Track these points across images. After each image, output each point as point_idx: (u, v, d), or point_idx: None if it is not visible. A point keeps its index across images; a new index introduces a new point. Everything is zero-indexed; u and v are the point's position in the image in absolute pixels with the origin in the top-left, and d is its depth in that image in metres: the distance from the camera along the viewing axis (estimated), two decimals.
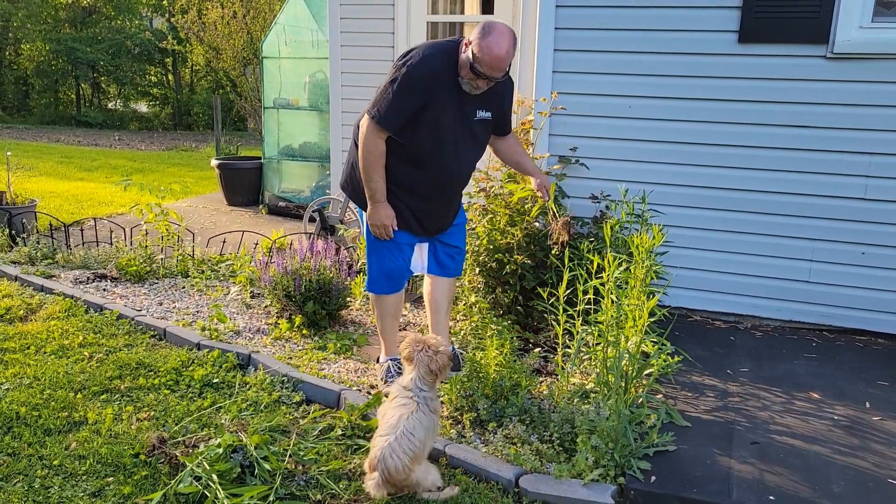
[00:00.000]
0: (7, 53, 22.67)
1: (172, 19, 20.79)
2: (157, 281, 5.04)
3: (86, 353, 3.77)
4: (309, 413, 3.25)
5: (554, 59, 4.39)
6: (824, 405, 3.26)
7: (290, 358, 3.81)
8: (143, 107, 24.76)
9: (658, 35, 4.16)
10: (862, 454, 2.85)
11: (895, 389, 3.44)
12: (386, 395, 3.31)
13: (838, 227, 4.03)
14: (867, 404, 3.28)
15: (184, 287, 4.92)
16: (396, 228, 3.30)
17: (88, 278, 4.98)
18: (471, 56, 2.97)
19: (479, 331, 3.87)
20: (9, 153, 6.52)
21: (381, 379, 3.49)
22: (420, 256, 3.52)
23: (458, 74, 3.07)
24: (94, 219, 6.33)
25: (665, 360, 3.34)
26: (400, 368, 3.50)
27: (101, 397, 3.34)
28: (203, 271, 5.22)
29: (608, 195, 4.28)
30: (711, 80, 4.11)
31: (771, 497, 2.56)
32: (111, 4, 23.28)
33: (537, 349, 3.86)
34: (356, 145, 3.27)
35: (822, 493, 2.58)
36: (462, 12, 6.08)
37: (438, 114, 3.08)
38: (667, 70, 4.18)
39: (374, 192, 3.19)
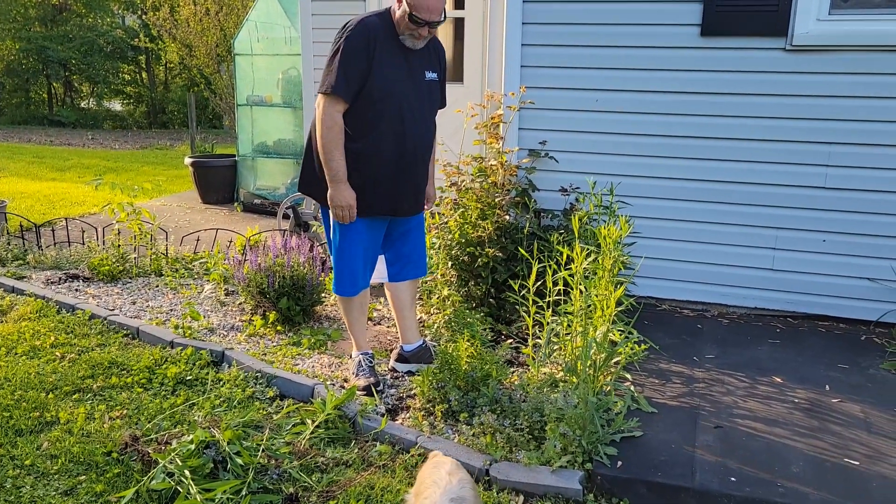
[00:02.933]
0: None
1: (145, 17, 20.61)
2: (130, 280, 5.03)
3: (58, 354, 3.77)
4: (283, 408, 3.28)
5: (522, 53, 4.43)
6: (786, 389, 3.35)
7: (265, 354, 3.83)
8: (116, 105, 24.45)
9: (623, 29, 4.23)
10: (821, 436, 2.93)
11: (854, 372, 3.54)
12: (360, 390, 3.36)
13: (800, 216, 4.12)
14: (827, 387, 3.38)
15: (157, 286, 4.92)
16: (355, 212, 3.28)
17: (60, 279, 4.96)
18: (406, 8, 3.06)
19: (452, 324, 3.91)
20: None
21: (353, 373, 3.52)
22: (380, 266, 3.56)
23: (396, 34, 3.16)
24: (66, 219, 6.29)
25: (632, 349, 3.42)
26: (371, 361, 3.55)
27: (74, 397, 3.35)
28: (177, 270, 5.22)
29: (577, 188, 4.34)
30: (675, 72, 4.18)
31: (733, 479, 2.64)
32: (82, 2, 22.97)
33: (509, 340, 3.92)
34: (312, 140, 3.30)
35: (782, 473, 2.66)
36: None
37: (385, 70, 3.14)
38: (632, 63, 4.25)
39: (336, 171, 3.16)
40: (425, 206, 3.59)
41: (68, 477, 2.75)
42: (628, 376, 3.47)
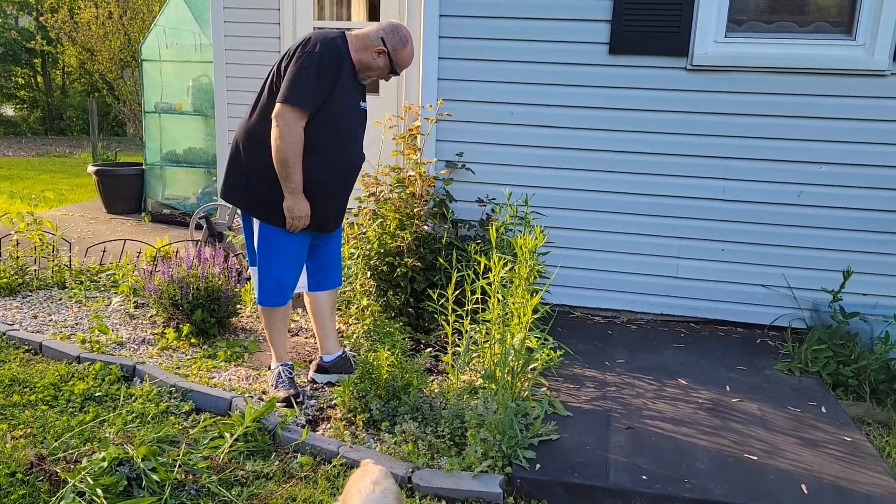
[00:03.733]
0: None
1: (41, 18, 19.65)
2: (30, 293, 4.79)
3: None
4: (199, 422, 3.20)
5: (439, 66, 4.51)
6: (691, 390, 3.54)
7: (179, 368, 3.74)
8: (9, 110, 23.14)
9: (537, 45, 4.37)
10: (723, 433, 3.11)
11: (751, 373, 3.77)
12: (280, 401, 3.33)
13: (701, 226, 4.37)
14: (728, 388, 3.58)
15: (61, 299, 4.71)
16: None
17: None
18: (389, 62, 3.29)
19: (372, 333, 3.93)
20: None
21: (272, 385, 3.48)
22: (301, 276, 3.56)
23: (351, 61, 3.24)
24: None
25: (548, 355, 3.53)
26: (290, 373, 3.52)
27: None
28: (82, 282, 5.01)
29: (493, 199, 4.45)
30: (586, 88, 4.36)
31: (644, 477, 2.77)
32: None
33: (429, 349, 3.96)
34: (246, 148, 3.24)
35: (688, 470, 2.81)
36: (349, 18, 6.12)
37: (343, 96, 3.21)
38: (546, 79, 4.40)
39: (297, 183, 3.15)
40: None
41: None
42: (545, 382, 3.58)
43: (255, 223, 3.33)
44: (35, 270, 5.01)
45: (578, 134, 4.42)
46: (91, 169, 7.79)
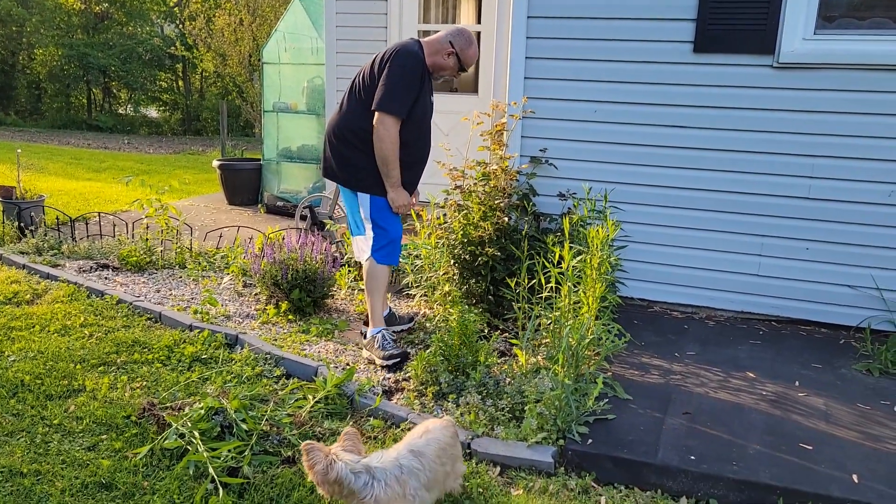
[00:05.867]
0: (20, 58, 23.16)
1: (182, 26, 21.32)
2: (155, 271, 5.38)
3: (86, 332, 4.10)
4: (288, 385, 3.57)
5: (526, 65, 4.71)
6: (757, 383, 3.56)
7: (275, 339, 4.13)
8: (153, 112, 25.21)
9: (621, 44, 4.48)
10: (781, 424, 3.14)
11: (826, 371, 3.73)
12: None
13: (785, 224, 4.33)
14: (797, 383, 3.58)
15: (180, 277, 5.26)
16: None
17: (92, 267, 5.32)
18: (458, 60, 3.81)
19: (450, 315, 4.17)
20: (18, 150, 6.88)
21: (378, 347, 3.84)
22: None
23: (428, 68, 3.75)
24: (99, 214, 6.67)
25: (612, 341, 3.66)
26: (392, 335, 3.93)
27: (99, 369, 3.67)
28: (199, 263, 5.56)
29: (574, 193, 4.59)
30: (670, 86, 4.42)
31: (692, 457, 2.86)
32: (123, 11, 23.80)
33: (505, 334, 4.17)
34: (343, 137, 3.79)
35: (738, 454, 2.88)
36: (454, 21, 6.42)
37: (425, 99, 3.77)
38: (629, 77, 4.50)
39: (397, 178, 3.74)
40: None
41: (91, 436, 3.06)
42: (608, 367, 3.71)
43: (361, 196, 3.84)
44: (160, 251, 5.61)
45: (660, 131, 4.49)
46: (215, 163, 8.49)
